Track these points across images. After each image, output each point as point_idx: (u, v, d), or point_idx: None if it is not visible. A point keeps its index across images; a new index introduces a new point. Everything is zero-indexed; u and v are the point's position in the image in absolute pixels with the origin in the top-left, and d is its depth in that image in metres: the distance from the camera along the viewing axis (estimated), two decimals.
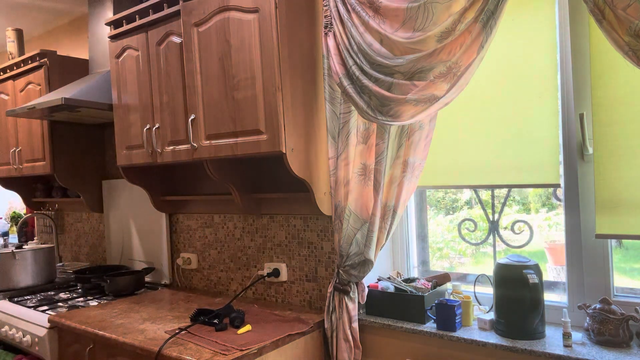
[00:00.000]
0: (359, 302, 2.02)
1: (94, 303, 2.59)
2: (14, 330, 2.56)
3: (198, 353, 1.76)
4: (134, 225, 3.13)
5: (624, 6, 1.30)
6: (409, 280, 2.09)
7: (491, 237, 2.04)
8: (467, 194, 2.15)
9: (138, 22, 2.44)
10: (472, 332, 1.81)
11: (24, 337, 2.49)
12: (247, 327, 1.99)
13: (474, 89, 1.91)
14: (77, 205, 3.67)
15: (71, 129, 3.23)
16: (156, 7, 2.36)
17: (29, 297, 2.85)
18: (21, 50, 3.54)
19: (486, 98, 1.90)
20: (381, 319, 2.01)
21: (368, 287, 2.08)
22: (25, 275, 3.02)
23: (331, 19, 1.87)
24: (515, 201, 2.02)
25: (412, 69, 1.67)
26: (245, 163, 2.37)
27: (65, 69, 3.17)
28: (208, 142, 2.15)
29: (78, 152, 3.26)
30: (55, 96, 2.57)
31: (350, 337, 1.98)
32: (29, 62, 3.20)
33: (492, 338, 1.75)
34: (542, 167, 1.80)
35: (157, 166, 2.77)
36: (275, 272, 2.39)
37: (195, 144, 2.19)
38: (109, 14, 2.86)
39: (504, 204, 2.01)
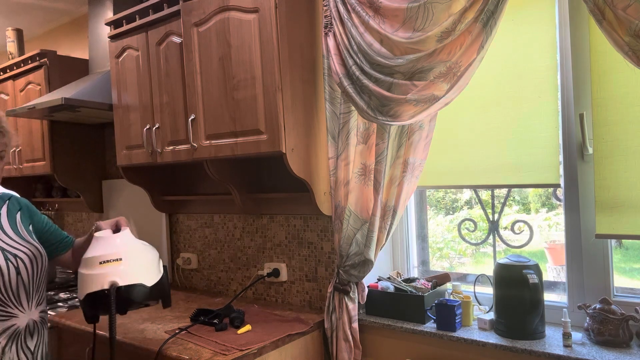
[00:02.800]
0: (359, 302, 2.02)
1: None
2: None
3: (198, 353, 1.76)
4: (134, 225, 3.13)
5: (624, 6, 1.30)
6: (409, 280, 2.08)
7: (491, 237, 2.04)
8: (467, 194, 2.16)
9: (138, 22, 2.44)
10: (472, 332, 1.81)
11: None
12: (247, 327, 1.99)
13: (474, 89, 1.91)
14: (77, 205, 3.67)
15: (71, 129, 3.23)
16: (156, 7, 2.36)
17: None
18: (21, 50, 3.54)
19: (486, 98, 1.90)
20: (381, 319, 2.01)
21: (368, 287, 2.08)
22: None
23: (331, 19, 1.87)
24: (515, 201, 2.03)
25: (412, 69, 1.67)
26: (245, 163, 2.37)
27: (65, 69, 3.16)
28: (208, 142, 2.15)
29: (78, 152, 3.26)
30: (55, 96, 2.57)
31: (350, 337, 1.98)
32: (29, 62, 3.19)
33: (492, 338, 1.75)
34: (542, 167, 1.80)
35: (157, 166, 2.77)
36: (275, 272, 2.39)
37: (195, 144, 2.19)
38: (109, 14, 2.86)
39: (504, 204, 2.01)
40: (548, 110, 1.78)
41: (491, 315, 1.84)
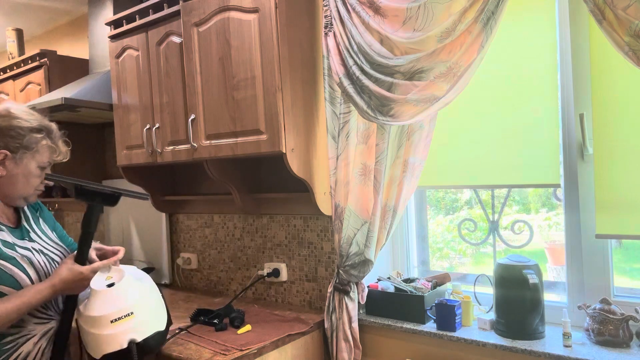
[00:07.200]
0: (359, 302, 2.02)
1: None
2: None
3: (198, 353, 1.76)
4: (134, 225, 3.13)
5: (624, 6, 1.30)
6: (409, 280, 2.08)
7: (491, 237, 2.04)
8: (467, 194, 2.15)
9: (138, 22, 2.44)
10: (472, 332, 1.81)
11: None
12: (247, 327, 1.99)
13: (474, 89, 1.91)
14: (77, 205, 3.67)
15: (71, 129, 3.19)
16: (156, 7, 2.36)
17: None
18: (21, 50, 3.54)
19: (486, 98, 1.90)
20: (381, 319, 2.01)
21: (368, 287, 2.08)
22: None
23: (331, 19, 1.87)
24: (515, 201, 2.02)
25: (412, 69, 1.67)
26: (245, 163, 2.36)
27: (65, 69, 3.16)
28: (208, 142, 2.15)
29: (78, 152, 3.25)
30: (55, 96, 2.57)
31: (350, 337, 1.98)
32: (29, 62, 3.19)
33: (492, 338, 1.75)
34: (542, 167, 1.80)
35: (157, 166, 2.77)
36: (275, 272, 2.39)
37: (195, 144, 2.19)
38: (109, 14, 2.86)
39: (504, 204, 2.01)
40: (548, 110, 1.78)
41: (491, 315, 1.84)
